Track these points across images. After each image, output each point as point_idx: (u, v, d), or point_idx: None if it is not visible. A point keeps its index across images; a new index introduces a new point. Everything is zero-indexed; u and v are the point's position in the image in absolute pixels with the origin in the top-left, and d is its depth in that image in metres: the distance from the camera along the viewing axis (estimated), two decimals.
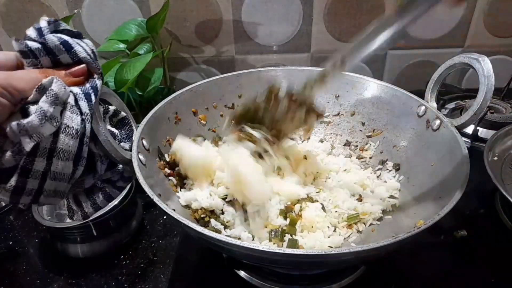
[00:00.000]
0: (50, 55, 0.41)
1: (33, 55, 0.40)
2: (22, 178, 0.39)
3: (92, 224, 0.63)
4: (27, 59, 0.40)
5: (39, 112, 0.36)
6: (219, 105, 0.75)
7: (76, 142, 0.40)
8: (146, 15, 0.96)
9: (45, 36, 0.40)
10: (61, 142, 0.39)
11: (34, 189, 0.40)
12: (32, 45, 0.40)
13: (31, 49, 0.40)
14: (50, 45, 0.40)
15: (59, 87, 0.38)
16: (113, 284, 0.63)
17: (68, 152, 0.40)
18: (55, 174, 0.40)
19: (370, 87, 0.74)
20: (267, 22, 1.00)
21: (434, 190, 0.55)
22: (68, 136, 0.39)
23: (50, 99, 0.37)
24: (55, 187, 0.41)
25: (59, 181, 0.41)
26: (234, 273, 0.62)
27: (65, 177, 0.41)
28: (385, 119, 0.72)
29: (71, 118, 0.40)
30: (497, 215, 0.72)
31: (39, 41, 0.40)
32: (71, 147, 0.40)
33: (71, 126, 0.39)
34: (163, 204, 0.45)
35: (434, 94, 0.66)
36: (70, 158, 0.40)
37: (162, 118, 0.65)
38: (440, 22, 1.03)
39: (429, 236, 0.62)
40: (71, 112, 0.40)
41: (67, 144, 0.39)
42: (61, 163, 0.40)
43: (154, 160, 0.59)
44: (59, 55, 0.41)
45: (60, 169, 0.40)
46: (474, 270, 0.63)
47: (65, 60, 0.42)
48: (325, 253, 0.41)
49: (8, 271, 0.66)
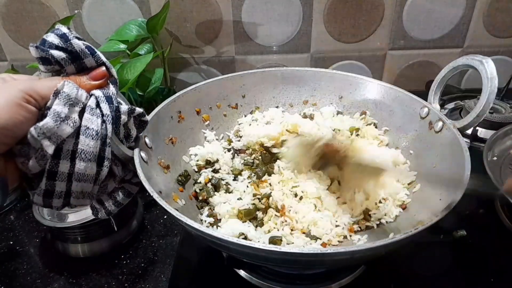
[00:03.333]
0: (75, 63, 0.43)
1: (58, 64, 0.42)
2: (50, 181, 0.41)
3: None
4: (48, 65, 0.42)
5: (52, 114, 0.38)
6: (223, 105, 0.76)
7: (97, 143, 0.41)
8: (146, 16, 0.96)
9: (71, 41, 0.42)
10: (82, 143, 0.40)
11: (63, 191, 0.42)
12: (58, 55, 0.41)
13: (57, 59, 0.41)
14: (77, 49, 0.42)
15: (70, 88, 0.39)
16: (113, 284, 0.63)
17: (89, 153, 0.41)
18: (79, 175, 0.41)
19: (373, 88, 0.74)
20: (267, 23, 1.01)
21: (435, 192, 0.55)
22: (88, 137, 0.41)
23: (62, 101, 0.39)
24: (81, 189, 0.43)
25: (84, 182, 0.42)
26: (234, 272, 0.62)
27: (89, 178, 0.42)
28: (387, 120, 0.72)
29: (91, 120, 0.41)
30: (497, 215, 0.72)
31: (64, 47, 0.41)
32: (92, 148, 0.41)
33: (91, 128, 0.41)
34: (163, 202, 0.45)
35: (437, 95, 0.66)
36: (92, 159, 0.42)
37: (165, 117, 0.65)
38: (440, 23, 1.03)
39: (429, 236, 0.62)
40: (90, 115, 0.41)
41: (88, 145, 0.41)
42: (83, 164, 0.41)
43: (156, 158, 0.59)
44: (85, 58, 0.43)
45: (83, 170, 0.41)
46: (474, 270, 0.63)
47: (90, 63, 0.43)
48: (321, 252, 0.41)
49: (8, 270, 0.66)
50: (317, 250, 0.42)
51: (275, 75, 0.78)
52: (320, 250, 0.42)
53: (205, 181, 0.64)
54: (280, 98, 0.80)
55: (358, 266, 0.61)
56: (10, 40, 1.00)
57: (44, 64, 0.42)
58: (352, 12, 1.00)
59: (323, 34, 1.03)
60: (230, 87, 0.76)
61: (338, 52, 1.06)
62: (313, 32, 1.03)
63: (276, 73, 0.78)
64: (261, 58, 1.06)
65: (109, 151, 0.43)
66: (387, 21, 1.02)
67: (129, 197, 0.51)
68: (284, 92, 0.79)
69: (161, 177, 0.59)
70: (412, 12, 1.01)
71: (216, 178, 0.65)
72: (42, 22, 0.97)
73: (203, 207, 0.61)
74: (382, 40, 1.05)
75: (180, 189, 0.62)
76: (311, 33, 1.03)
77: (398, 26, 1.03)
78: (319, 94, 0.79)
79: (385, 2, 0.99)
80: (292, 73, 0.79)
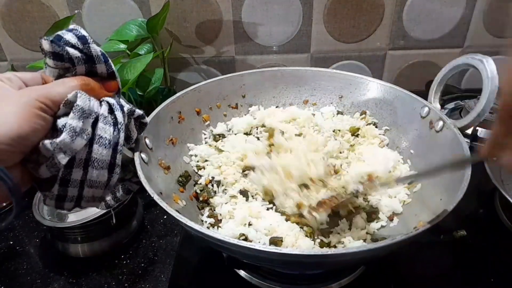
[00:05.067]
0: (87, 64, 0.43)
1: (70, 62, 0.42)
2: (62, 187, 0.41)
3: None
4: (59, 62, 0.41)
5: (69, 129, 0.38)
6: (223, 105, 0.76)
7: (110, 152, 0.42)
8: (146, 16, 0.96)
9: (90, 44, 0.42)
10: (95, 152, 0.41)
11: (74, 196, 0.42)
12: (74, 53, 0.41)
13: (71, 56, 0.41)
14: (93, 54, 0.42)
15: (83, 101, 0.39)
16: (113, 284, 0.63)
17: (102, 161, 0.41)
18: (91, 182, 0.42)
19: (374, 88, 0.74)
20: (267, 23, 1.00)
21: (435, 192, 0.55)
22: (101, 146, 0.41)
23: (77, 115, 0.39)
24: (92, 194, 0.44)
25: (95, 189, 0.43)
26: (235, 272, 0.62)
27: (100, 185, 0.43)
28: (388, 119, 0.72)
29: (104, 129, 0.41)
30: (497, 215, 0.72)
31: (80, 48, 0.42)
32: (105, 157, 0.42)
33: (104, 137, 0.41)
34: (163, 203, 0.45)
35: (437, 95, 0.66)
36: (105, 167, 0.42)
37: (165, 117, 0.65)
38: (440, 23, 1.03)
39: (429, 236, 0.62)
40: (104, 123, 0.41)
41: (101, 154, 0.41)
42: (96, 172, 0.42)
43: (156, 159, 0.59)
44: (98, 63, 0.43)
45: (95, 177, 0.42)
46: (473, 270, 0.63)
47: (100, 69, 0.44)
48: (322, 253, 0.41)
49: (8, 270, 0.66)
50: (317, 252, 0.42)
51: (275, 75, 0.78)
52: (320, 251, 0.42)
53: (206, 182, 0.64)
54: (280, 97, 0.80)
55: (358, 266, 0.61)
56: (10, 40, 1.00)
57: (55, 60, 0.41)
58: (352, 12, 1.00)
59: (323, 34, 1.03)
60: (230, 87, 0.76)
61: (338, 52, 1.06)
62: (313, 32, 1.03)
63: (276, 73, 0.78)
64: (261, 58, 1.06)
65: (120, 158, 0.44)
66: (387, 21, 1.02)
67: (129, 194, 0.51)
68: (284, 91, 0.79)
69: (162, 177, 0.59)
70: (412, 12, 1.01)
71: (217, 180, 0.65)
72: (42, 22, 0.97)
73: (204, 208, 0.61)
74: (382, 40, 1.05)
75: (180, 189, 0.62)
76: (311, 33, 1.03)
77: (398, 26, 1.03)
78: (319, 94, 0.79)
79: (385, 2, 0.99)
80: (292, 73, 0.79)
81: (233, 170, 0.66)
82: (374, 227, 0.59)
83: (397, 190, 0.62)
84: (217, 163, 0.67)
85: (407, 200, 0.61)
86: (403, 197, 0.61)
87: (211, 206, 0.62)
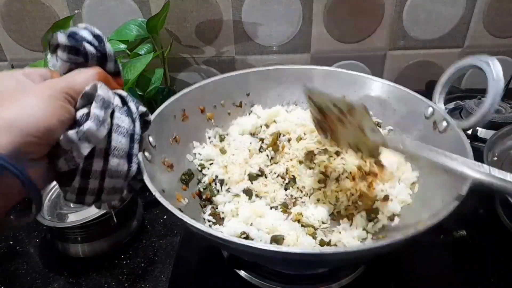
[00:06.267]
0: (99, 62, 0.44)
1: (84, 57, 0.43)
2: (83, 179, 0.42)
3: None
4: (73, 55, 0.42)
5: (94, 118, 0.39)
6: (227, 103, 0.75)
7: (128, 141, 0.43)
8: (146, 16, 0.96)
9: (105, 43, 0.44)
10: (115, 141, 0.42)
11: (95, 188, 0.43)
12: (90, 49, 0.42)
13: (87, 52, 0.42)
14: (107, 52, 0.44)
15: (104, 92, 0.41)
16: (113, 284, 0.63)
17: (122, 149, 0.43)
18: (112, 172, 0.43)
19: (378, 87, 0.73)
20: (267, 23, 1.01)
21: (437, 192, 0.55)
22: (120, 134, 0.42)
23: (99, 104, 0.40)
24: (113, 185, 0.44)
25: (116, 179, 0.43)
26: (235, 272, 0.62)
27: (121, 174, 0.44)
28: (391, 119, 0.72)
29: (121, 118, 0.43)
30: (497, 215, 0.72)
31: (95, 45, 0.43)
32: (124, 145, 0.43)
33: (122, 126, 0.42)
34: (164, 200, 0.45)
35: (442, 96, 0.65)
36: (124, 156, 0.43)
37: (169, 115, 0.65)
38: (440, 23, 1.03)
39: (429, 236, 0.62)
40: (120, 113, 0.43)
41: (120, 142, 0.42)
42: (116, 160, 0.42)
43: (159, 157, 0.59)
44: (109, 62, 0.45)
45: (115, 166, 0.42)
46: (473, 270, 0.63)
47: (109, 68, 0.45)
48: (322, 252, 0.41)
49: (8, 270, 0.66)
50: (316, 250, 0.42)
51: (280, 73, 0.78)
52: (320, 250, 0.42)
53: (209, 181, 0.64)
54: (285, 96, 0.79)
55: (358, 266, 0.61)
56: (10, 40, 1.00)
57: (69, 53, 0.42)
58: (352, 12, 1.00)
59: (323, 34, 1.03)
60: (235, 85, 0.75)
61: (338, 52, 1.06)
62: (313, 32, 1.03)
63: (280, 71, 0.78)
64: (261, 58, 1.06)
65: (137, 148, 0.45)
66: (387, 21, 1.02)
67: (131, 193, 0.52)
68: (288, 90, 0.79)
69: (165, 176, 0.58)
70: (412, 12, 1.01)
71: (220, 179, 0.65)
72: (42, 22, 0.97)
73: (206, 206, 0.61)
74: (382, 40, 1.05)
75: (183, 187, 0.62)
76: (311, 33, 1.03)
77: (398, 26, 1.03)
78: None
79: (385, 2, 0.99)
80: (297, 71, 0.78)
81: (239, 169, 0.66)
82: (374, 227, 0.59)
83: (398, 191, 0.62)
84: (222, 162, 0.67)
85: (408, 200, 0.61)
86: (404, 198, 0.61)
87: (214, 205, 0.62)
